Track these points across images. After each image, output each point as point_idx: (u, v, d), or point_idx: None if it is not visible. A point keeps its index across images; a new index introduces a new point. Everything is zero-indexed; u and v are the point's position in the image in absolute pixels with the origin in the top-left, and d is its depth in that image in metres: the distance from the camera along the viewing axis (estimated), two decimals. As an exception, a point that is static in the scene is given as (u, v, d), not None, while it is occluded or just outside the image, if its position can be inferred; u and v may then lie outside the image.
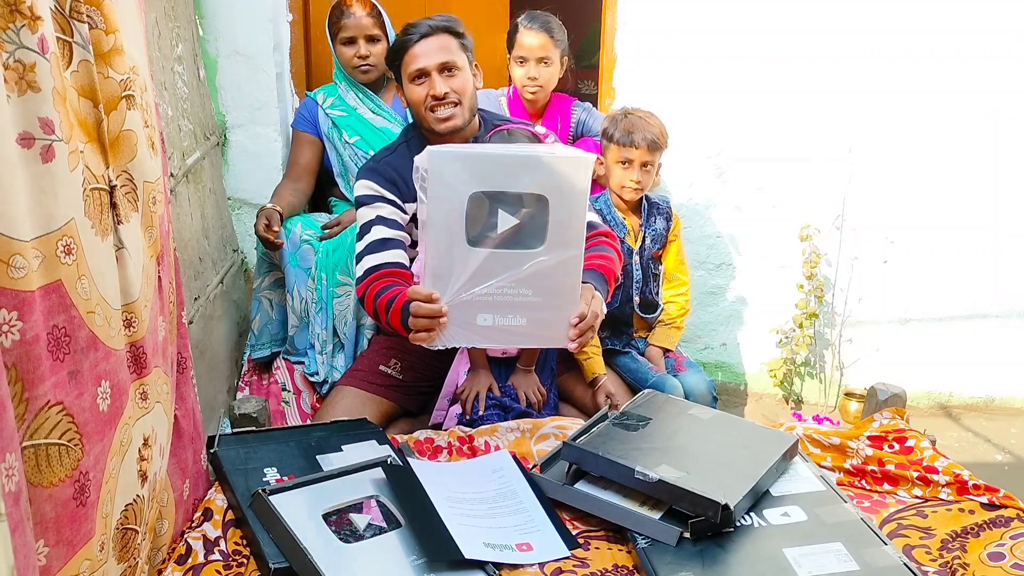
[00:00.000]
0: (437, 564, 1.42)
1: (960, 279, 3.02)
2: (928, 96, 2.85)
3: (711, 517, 1.45)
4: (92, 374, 1.09)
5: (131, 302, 1.20)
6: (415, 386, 2.37)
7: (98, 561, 1.11)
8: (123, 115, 1.19)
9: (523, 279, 1.64)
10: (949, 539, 1.55)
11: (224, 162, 2.94)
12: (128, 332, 1.19)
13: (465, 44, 2.11)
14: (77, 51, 1.09)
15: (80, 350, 1.06)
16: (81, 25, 1.08)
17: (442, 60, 2.05)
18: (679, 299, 2.57)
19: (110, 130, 1.17)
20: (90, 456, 1.07)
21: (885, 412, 1.92)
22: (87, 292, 1.07)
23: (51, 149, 0.99)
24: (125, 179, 1.21)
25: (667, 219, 2.53)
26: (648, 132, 2.34)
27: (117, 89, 1.18)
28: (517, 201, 1.63)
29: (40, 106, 0.97)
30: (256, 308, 2.63)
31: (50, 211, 0.99)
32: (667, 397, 1.95)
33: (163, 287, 1.35)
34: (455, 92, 2.07)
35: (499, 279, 1.63)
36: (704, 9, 2.85)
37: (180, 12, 2.52)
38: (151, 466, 1.26)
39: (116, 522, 1.18)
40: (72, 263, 1.03)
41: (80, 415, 1.05)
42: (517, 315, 1.67)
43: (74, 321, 1.04)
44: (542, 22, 2.64)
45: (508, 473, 1.70)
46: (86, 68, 1.10)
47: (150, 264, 1.29)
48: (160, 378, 1.32)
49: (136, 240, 1.23)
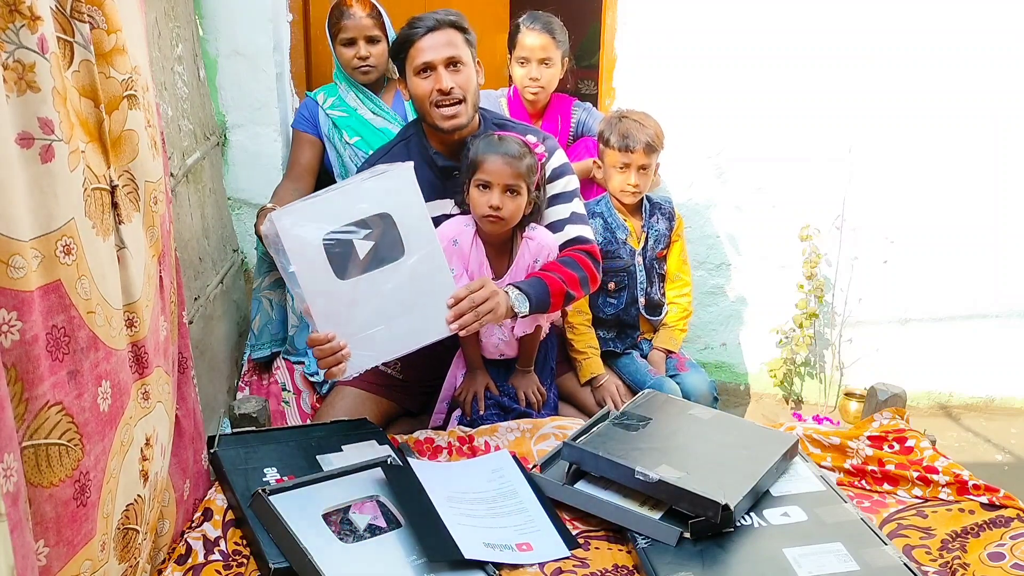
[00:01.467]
0: (437, 564, 1.42)
1: (960, 279, 3.02)
2: (928, 96, 2.85)
3: (711, 517, 1.45)
4: (92, 374, 1.08)
5: (133, 302, 1.20)
6: (415, 385, 2.37)
7: (99, 561, 1.11)
8: (125, 115, 1.19)
9: (397, 288, 1.79)
10: (949, 539, 1.55)
11: (224, 162, 2.94)
12: (130, 332, 1.20)
13: (469, 40, 2.10)
14: (78, 51, 1.09)
15: (80, 350, 1.06)
16: (82, 25, 1.08)
17: (448, 55, 2.04)
18: (682, 300, 2.57)
19: (112, 130, 1.17)
20: (90, 456, 1.07)
21: (885, 412, 1.92)
22: (87, 292, 1.07)
23: (51, 149, 0.99)
24: (127, 179, 1.21)
25: (670, 219, 2.52)
26: (644, 135, 2.33)
27: (119, 89, 1.18)
28: (365, 226, 1.77)
29: (40, 106, 0.97)
30: (256, 308, 2.63)
31: (49, 211, 0.99)
32: (667, 397, 1.95)
33: (164, 287, 1.35)
34: (460, 88, 2.05)
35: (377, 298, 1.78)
36: (704, 9, 2.85)
37: (180, 12, 2.52)
38: (152, 466, 1.26)
39: (117, 522, 1.18)
40: (72, 263, 1.03)
41: (80, 415, 1.05)
42: (404, 319, 1.81)
43: (73, 321, 1.04)
44: (544, 23, 2.64)
45: (508, 473, 1.71)
46: (87, 68, 1.10)
47: (152, 264, 1.29)
48: (161, 378, 1.33)
49: (138, 240, 1.23)
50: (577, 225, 2.16)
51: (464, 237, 2.07)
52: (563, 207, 2.16)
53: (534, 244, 2.10)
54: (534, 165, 2.02)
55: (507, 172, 1.97)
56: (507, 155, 1.97)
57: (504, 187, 1.98)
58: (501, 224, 2.02)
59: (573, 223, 2.16)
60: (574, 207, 2.17)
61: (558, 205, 2.16)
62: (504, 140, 2.02)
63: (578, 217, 2.17)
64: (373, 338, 1.80)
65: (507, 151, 1.98)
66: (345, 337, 1.78)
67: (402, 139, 2.22)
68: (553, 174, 2.16)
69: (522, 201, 2.01)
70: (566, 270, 2.06)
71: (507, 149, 1.98)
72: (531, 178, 2.01)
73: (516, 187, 1.99)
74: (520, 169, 1.97)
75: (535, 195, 2.06)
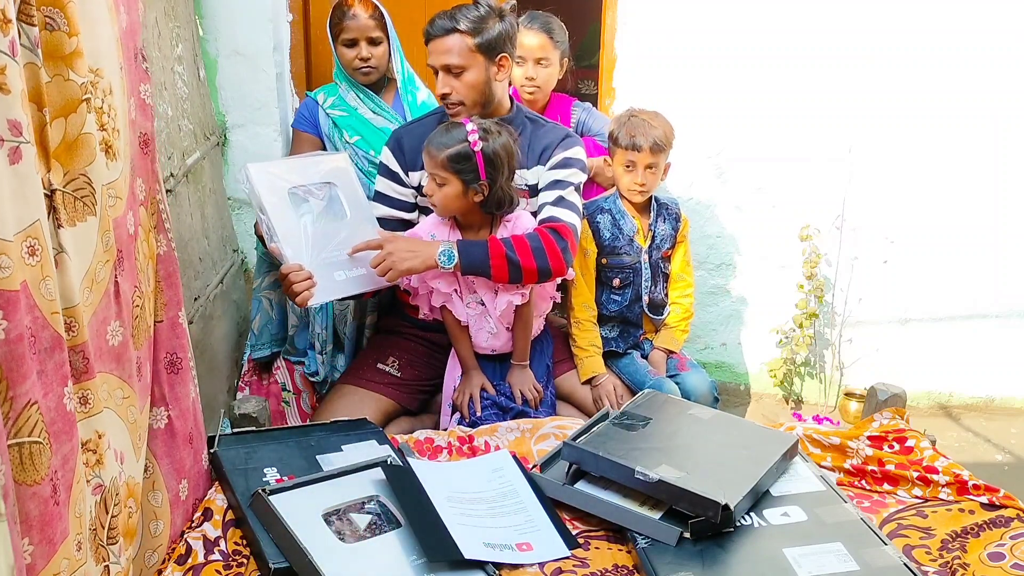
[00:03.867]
0: (437, 564, 1.42)
1: (960, 279, 3.02)
2: (928, 96, 2.85)
3: (711, 517, 1.45)
4: (57, 374, 1.08)
5: (70, 307, 1.16)
6: (414, 384, 2.38)
7: (76, 561, 1.11)
8: (83, 118, 1.17)
9: (342, 242, 2.13)
10: (949, 539, 1.55)
11: (224, 162, 2.94)
12: (67, 336, 1.16)
13: (482, 44, 2.10)
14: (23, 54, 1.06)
15: (44, 350, 1.05)
16: (31, 28, 1.06)
17: (445, 63, 2.12)
18: (684, 300, 2.57)
19: (68, 133, 1.15)
20: (58, 456, 1.07)
21: (885, 412, 1.92)
22: (51, 293, 1.06)
23: (18, 151, 0.98)
24: (83, 182, 1.19)
25: (676, 220, 2.53)
26: (651, 134, 2.33)
27: (78, 92, 1.16)
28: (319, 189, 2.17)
29: (10, 108, 0.97)
30: (256, 308, 2.63)
31: (19, 212, 0.99)
32: (667, 397, 1.95)
33: (121, 292, 1.32)
34: (457, 92, 2.13)
35: (332, 243, 2.12)
36: (704, 9, 2.85)
37: (180, 12, 2.52)
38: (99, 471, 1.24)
39: (89, 522, 1.18)
40: (36, 264, 1.03)
41: (47, 414, 1.05)
42: (356, 267, 2.13)
43: (38, 321, 1.04)
44: (542, 23, 2.63)
45: (508, 473, 1.71)
46: (32, 71, 1.08)
47: (103, 269, 1.26)
48: (110, 383, 1.30)
49: (87, 244, 1.20)
50: (558, 208, 2.17)
51: (440, 231, 2.17)
52: (553, 192, 2.19)
53: (510, 226, 2.15)
54: (463, 155, 2.02)
55: (428, 161, 2.08)
56: (431, 145, 2.07)
57: (431, 175, 2.08)
58: (438, 210, 2.14)
59: (555, 206, 2.17)
60: (564, 193, 2.18)
61: (551, 190, 2.19)
62: (447, 129, 2.08)
63: (563, 202, 2.18)
64: (335, 277, 2.10)
65: (433, 141, 2.07)
66: (311, 268, 2.04)
67: (437, 113, 2.30)
68: (563, 162, 2.20)
69: (450, 190, 2.06)
70: (521, 239, 2.09)
71: (435, 139, 2.07)
72: (457, 167, 2.03)
73: (437, 176, 2.06)
74: (437, 159, 2.04)
75: (478, 185, 2.05)
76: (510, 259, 2.05)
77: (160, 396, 1.50)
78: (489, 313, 2.18)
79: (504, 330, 2.21)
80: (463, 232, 2.17)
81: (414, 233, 2.20)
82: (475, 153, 2.02)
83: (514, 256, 2.06)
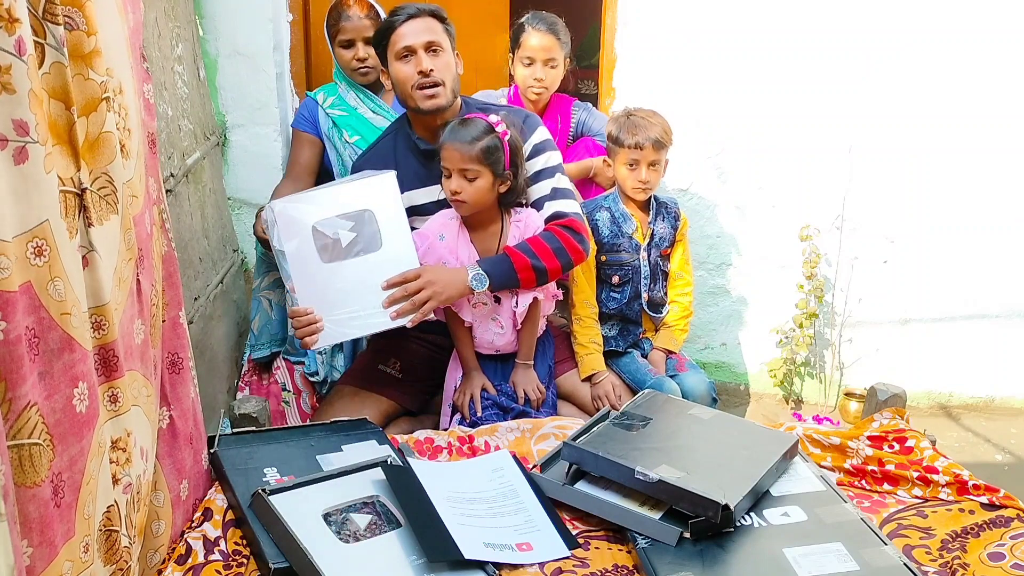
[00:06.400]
0: (437, 564, 1.42)
1: (960, 279, 3.02)
2: (928, 96, 2.85)
3: (711, 517, 1.45)
4: (66, 375, 1.08)
5: (101, 305, 1.17)
6: (414, 385, 2.38)
7: (82, 563, 1.10)
8: (103, 117, 1.17)
9: (371, 276, 2.01)
10: (949, 539, 1.55)
11: (224, 162, 2.94)
12: (96, 335, 1.18)
13: (449, 31, 2.16)
14: (50, 53, 1.07)
15: (51, 351, 1.05)
16: (56, 27, 1.06)
17: (428, 39, 2.11)
18: (683, 299, 2.57)
19: (90, 132, 1.15)
20: (63, 457, 1.06)
21: (885, 412, 1.92)
22: (61, 294, 1.06)
23: (24, 151, 0.98)
24: (105, 181, 1.19)
25: (675, 218, 2.53)
26: (652, 131, 2.34)
27: (98, 91, 1.16)
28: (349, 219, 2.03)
29: (15, 108, 0.96)
30: (256, 308, 2.63)
31: (23, 213, 0.99)
32: (667, 397, 1.95)
33: (142, 290, 1.33)
34: (439, 71, 2.12)
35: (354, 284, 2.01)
36: (704, 9, 2.85)
37: (180, 12, 2.52)
38: (128, 469, 1.25)
39: (99, 523, 1.17)
40: (43, 265, 1.02)
41: (50, 416, 1.04)
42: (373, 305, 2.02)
43: (43, 323, 1.03)
44: (549, 24, 2.63)
45: (508, 473, 1.71)
46: (58, 70, 1.08)
47: (127, 267, 1.26)
48: (137, 381, 1.30)
49: (112, 243, 1.21)
50: (558, 200, 2.18)
51: (449, 230, 2.14)
52: (544, 184, 2.19)
53: (521, 225, 2.15)
54: (493, 146, 2.03)
55: (458, 157, 2.02)
56: (458, 141, 2.02)
57: (460, 172, 2.03)
58: (467, 207, 2.08)
59: (554, 199, 2.18)
60: (555, 183, 2.19)
61: (540, 182, 2.20)
62: (463, 125, 2.05)
63: (560, 192, 2.19)
64: (344, 318, 2.02)
65: (459, 137, 2.03)
66: (321, 312, 2.00)
67: (388, 133, 2.29)
68: (534, 150, 2.19)
69: (483, 183, 2.04)
70: (539, 242, 2.10)
71: (460, 135, 2.03)
72: (490, 159, 2.03)
73: (470, 171, 2.03)
74: (471, 153, 2.01)
75: (505, 175, 2.07)
76: (536, 267, 2.09)
77: (162, 396, 1.50)
78: (500, 312, 2.18)
79: (512, 329, 2.21)
80: (471, 231, 2.16)
81: (424, 237, 2.14)
82: (503, 143, 2.03)
83: (539, 263, 2.08)
